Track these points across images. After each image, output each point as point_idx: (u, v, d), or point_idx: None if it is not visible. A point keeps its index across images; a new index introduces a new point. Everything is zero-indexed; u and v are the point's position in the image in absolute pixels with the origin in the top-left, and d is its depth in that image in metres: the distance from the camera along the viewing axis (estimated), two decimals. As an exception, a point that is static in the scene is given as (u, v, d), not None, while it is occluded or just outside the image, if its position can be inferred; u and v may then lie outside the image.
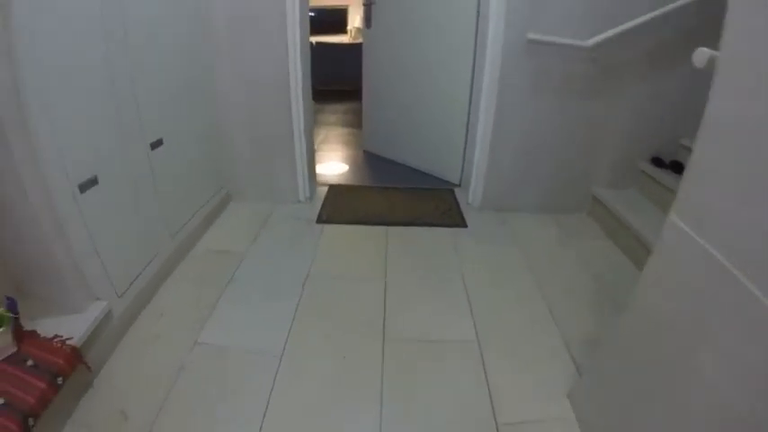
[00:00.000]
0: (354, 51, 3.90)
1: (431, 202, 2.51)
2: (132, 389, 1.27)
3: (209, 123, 2.14)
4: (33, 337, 1.18)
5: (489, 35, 2.05)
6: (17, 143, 1.04)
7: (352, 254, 2.02)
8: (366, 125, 3.30)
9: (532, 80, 2.09)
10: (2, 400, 0.99)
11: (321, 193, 2.60)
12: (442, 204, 2.49)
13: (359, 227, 2.24)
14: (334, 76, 4.81)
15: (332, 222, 2.27)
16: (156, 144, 1.65)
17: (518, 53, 2.02)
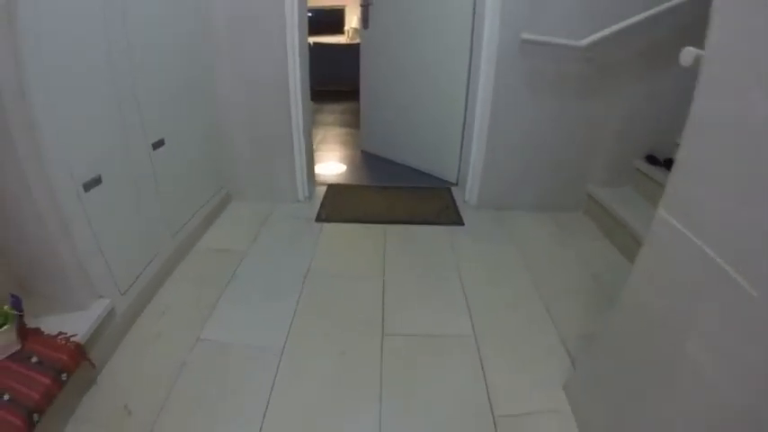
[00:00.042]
0: (352, 52, 3.92)
1: (428, 201, 2.53)
2: (135, 386, 1.29)
3: (209, 123, 2.15)
4: (37, 334, 1.19)
5: (485, 35, 2.07)
6: (22, 142, 1.06)
7: (351, 252, 2.04)
8: (364, 125, 3.32)
9: (528, 80, 2.11)
10: (7, 396, 1.00)
11: (320, 192, 2.62)
12: (439, 203, 2.51)
13: (357, 225, 2.26)
14: (331, 77, 4.83)
15: (331, 221, 2.29)
16: (158, 144, 1.67)
17: (513, 53, 2.05)
